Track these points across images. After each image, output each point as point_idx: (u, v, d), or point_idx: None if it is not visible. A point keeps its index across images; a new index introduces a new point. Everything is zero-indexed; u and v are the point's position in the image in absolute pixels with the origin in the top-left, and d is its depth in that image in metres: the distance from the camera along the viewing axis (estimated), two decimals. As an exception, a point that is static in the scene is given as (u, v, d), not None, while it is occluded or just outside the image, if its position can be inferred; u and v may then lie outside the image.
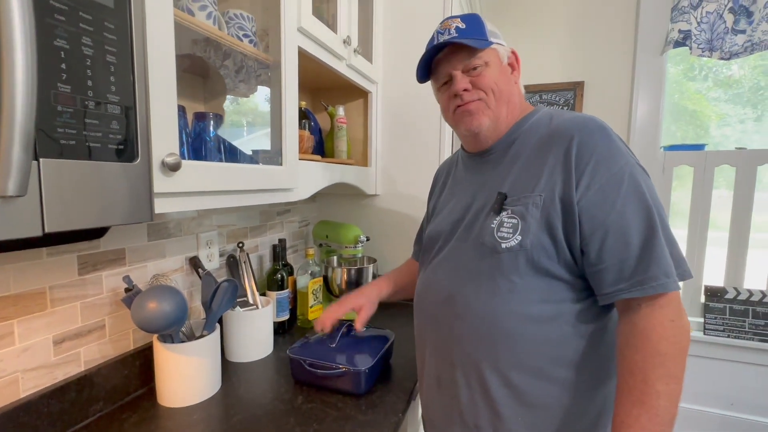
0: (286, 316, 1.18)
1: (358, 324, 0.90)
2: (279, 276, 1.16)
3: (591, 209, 0.59)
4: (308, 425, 0.75)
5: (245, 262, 1.10)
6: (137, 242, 0.87)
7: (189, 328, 0.89)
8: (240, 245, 1.11)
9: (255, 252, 1.26)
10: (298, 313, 1.26)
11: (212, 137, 0.83)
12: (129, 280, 0.80)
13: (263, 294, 1.17)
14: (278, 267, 1.18)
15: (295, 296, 1.25)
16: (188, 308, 0.81)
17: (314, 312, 1.24)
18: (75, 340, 0.76)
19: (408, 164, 1.44)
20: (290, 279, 1.22)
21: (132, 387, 0.85)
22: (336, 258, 1.40)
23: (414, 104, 1.40)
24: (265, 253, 1.31)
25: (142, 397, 0.84)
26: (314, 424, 0.75)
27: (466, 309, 0.68)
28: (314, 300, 1.23)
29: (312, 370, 0.86)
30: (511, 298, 0.64)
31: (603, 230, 0.59)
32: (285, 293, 1.17)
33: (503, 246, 0.64)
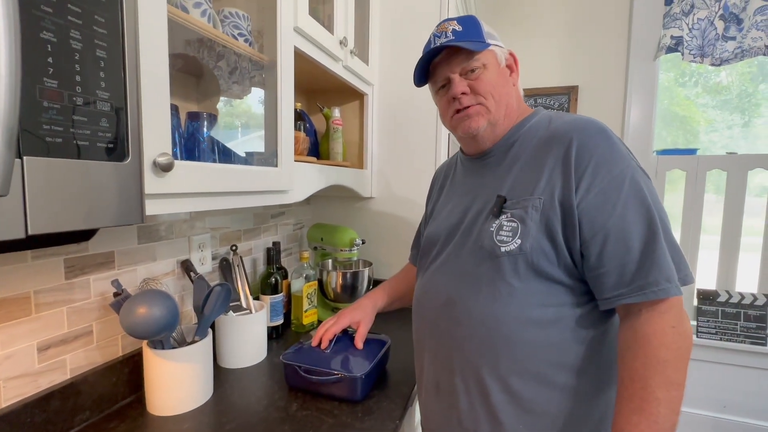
0: (281, 321, 1.17)
1: (358, 341, 0.90)
2: (273, 280, 1.14)
3: (591, 212, 0.58)
4: (303, 433, 0.73)
5: (238, 266, 1.08)
6: (127, 245, 0.85)
7: (180, 334, 0.87)
8: (233, 248, 1.09)
9: (249, 255, 1.24)
10: (293, 318, 1.24)
11: (206, 137, 0.81)
12: (118, 284, 0.77)
13: (257, 298, 1.14)
14: (272, 270, 1.16)
15: (290, 300, 1.23)
16: (179, 313, 0.79)
17: (309, 316, 1.22)
18: (60, 347, 0.73)
19: (404, 167, 1.43)
20: (284, 283, 1.20)
21: (120, 395, 0.82)
22: (331, 261, 1.39)
23: (410, 107, 1.39)
24: (259, 257, 1.29)
25: (131, 406, 0.81)
26: (309, 432, 0.74)
27: (466, 313, 0.66)
28: (309, 304, 1.22)
29: (307, 377, 0.84)
30: (511, 302, 0.63)
31: (603, 234, 0.58)
32: (279, 297, 1.15)
33: (502, 250, 0.63)
